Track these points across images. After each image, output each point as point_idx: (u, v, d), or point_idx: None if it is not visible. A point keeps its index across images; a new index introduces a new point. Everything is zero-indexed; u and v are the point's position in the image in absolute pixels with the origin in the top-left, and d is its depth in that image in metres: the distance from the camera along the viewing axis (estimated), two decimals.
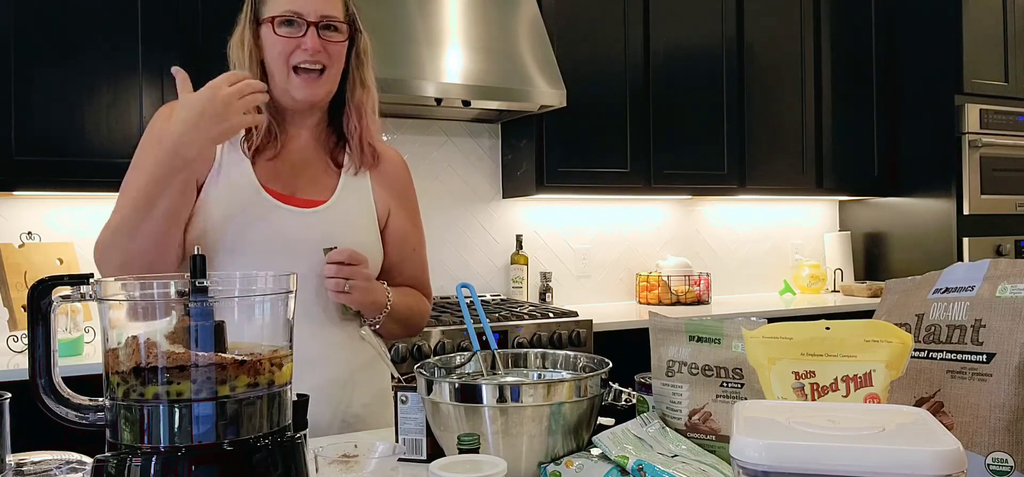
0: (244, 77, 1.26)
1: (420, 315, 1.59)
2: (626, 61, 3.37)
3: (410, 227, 1.58)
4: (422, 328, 1.64)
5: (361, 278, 1.40)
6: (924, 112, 3.84)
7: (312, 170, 1.48)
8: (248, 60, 1.42)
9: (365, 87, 1.50)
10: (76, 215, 2.79)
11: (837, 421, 0.76)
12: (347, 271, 1.38)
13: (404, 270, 1.57)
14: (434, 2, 2.94)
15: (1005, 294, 0.94)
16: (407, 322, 1.55)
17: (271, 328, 0.83)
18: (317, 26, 1.38)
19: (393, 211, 1.55)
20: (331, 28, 1.41)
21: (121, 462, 0.76)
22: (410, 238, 1.58)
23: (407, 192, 1.60)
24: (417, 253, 1.61)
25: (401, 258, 1.56)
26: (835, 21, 3.88)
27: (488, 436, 1.02)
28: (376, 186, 1.53)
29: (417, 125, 3.34)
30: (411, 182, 1.62)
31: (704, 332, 1.09)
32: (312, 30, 1.38)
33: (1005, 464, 0.88)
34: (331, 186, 1.48)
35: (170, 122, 1.28)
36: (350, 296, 1.39)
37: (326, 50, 1.40)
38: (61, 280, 0.81)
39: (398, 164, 1.60)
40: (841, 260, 4.11)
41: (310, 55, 1.38)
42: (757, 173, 3.69)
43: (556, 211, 3.64)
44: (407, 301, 1.54)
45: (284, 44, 1.39)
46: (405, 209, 1.58)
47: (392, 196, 1.55)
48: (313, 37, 1.38)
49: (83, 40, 2.53)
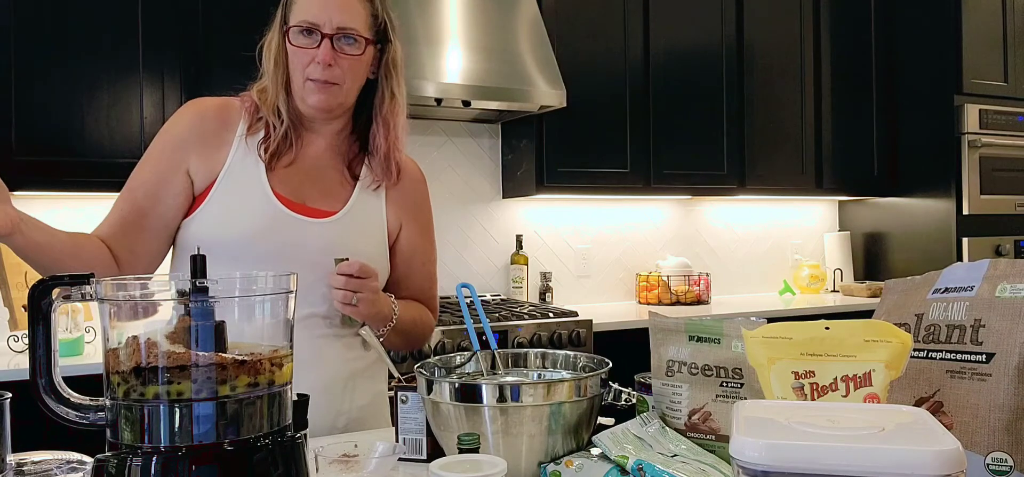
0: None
1: (424, 330, 1.57)
2: (626, 61, 3.38)
3: (420, 241, 1.56)
4: (424, 343, 1.60)
5: (369, 292, 1.38)
6: (924, 112, 3.84)
7: (325, 180, 1.46)
8: (274, 66, 1.41)
9: (394, 99, 1.46)
10: (77, 215, 2.78)
11: (837, 421, 0.76)
12: (356, 284, 1.36)
13: (412, 284, 1.56)
14: (434, 2, 2.94)
15: (1004, 294, 0.94)
16: (410, 335, 1.53)
17: (271, 328, 0.83)
18: (332, 38, 1.36)
19: (405, 226, 1.53)
20: (348, 40, 1.37)
21: (121, 462, 0.76)
22: (419, 253, 1.56)
23: (422, 207, 1.57)
24: (426, 268, 1.58)
25: (409, 271, 1.55)
26: (835, 21, 3.88)
27: (488, 436, 1.02)
28: (390, 202, 1.50)
29: (417, 125, 3.34)
30: (427, 197, 1.59)
31: (704, 332, 1.09)
32: (326, 42, 1.35)
33: (1004, 464, 0.88)
34: (344, 197, 1.45)
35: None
36: (356, 309, 1.38)
37: (339, 63, 1.37)
38: (61, 280, 0.81)
39: (417, 178, 1.56)
40: (841, 260, 4.11)
41: (321, 69, 1.36)
42: (757, 173, 3.69)
43: (556, 211, 3.64)
44: (412, 315, 1.52)
45: (300, 55, 1.37)
46: (418, 223, 1.55)
47: (405, 211, 1.53)
48: (326, 50, 1.35)
49: (84, 40, 2.53)
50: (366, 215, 1.47)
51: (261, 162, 1.40)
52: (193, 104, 1.47)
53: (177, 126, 1.43)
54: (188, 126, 1.42)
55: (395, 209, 1.51)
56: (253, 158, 1.41)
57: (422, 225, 1.57)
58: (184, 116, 1.44)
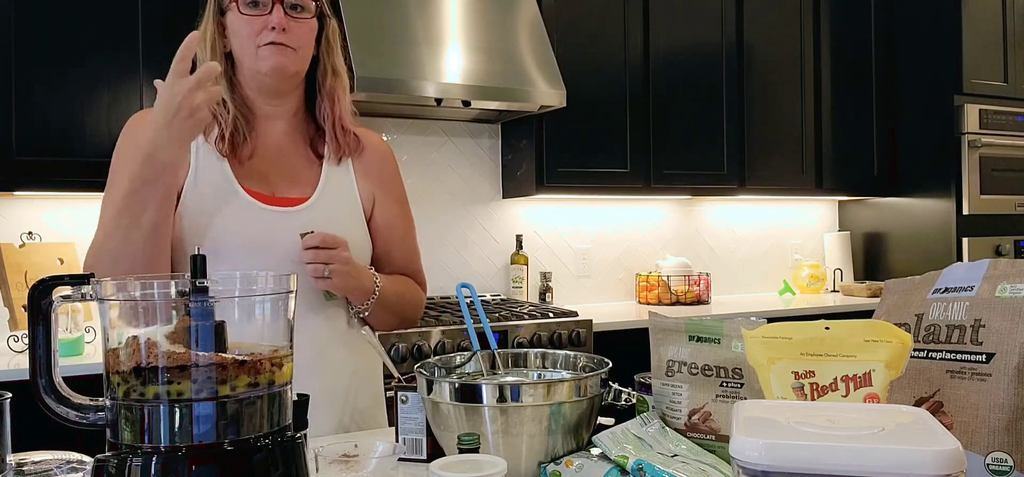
0: (187, 65, 1.24)
1: (413, 303, 1.56)
2: (626, 61, 3.38)
3: (396, 214, 1.55)
4: (417, 318, 1.60)
5: (340, 261, 1.36)
6: (924, 112, 3.84)
7: (290, 164, 1.45)
8: (212, 54, 1.39)
9: (336, 73, 1.48)
10: (77, 215, 2.79)
11: (837, 421, 0.76)
12: (325, 255, 1.34)
13: (394, 259, 1.54)
14: (434, 2, 2.94)
15: (1004, 294, 0.94)
16: (399, 310, 1.52)
17: (271, 328, 0.83)
18: (282, 4, 1.36)
19: (378, 199, 1.52)
20: (297, 8, 1.39)
21: (121, 462, 0.76)
22: (398, 226, 1.55)
23: (392, 178, 1.56)
24: (406, 241, 1.57)
25: (390, 247, 1.53)
26: (835, 21, 3.88)
27: (488, 436, 1.02)
28: (359, 176, 1.50)
29: (417, 125, 3.34)
30: (396, 169, 1.58)
31: (704, 332, 1.09)
32: (277, 7, 1.36)
33: (1004, 464, 0.88)
34: (313, 180, 1.45)
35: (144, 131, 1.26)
36: (331, 281, 1.36)
37: (292, 28, 1.37)
38: (62, 280, 0.81)
39: (382, 150, 1.56)
40: (841, 260, 4.11)
41: (277, 32, 1.36)
42: (757, 173, 3.69)
43: (556, 211, 3.64)
44: (397, 288, 1.50)
45: (251, 23, 1.37)
46: (390, 195, 1.54)
47: (376, 184, 1.52)
48: (279, 13, 1.36)
49: (84, 40, 2.53)
50: (338, 194, 1.46)
51: (224, 160, 1.38)
52: (136, 119, 1.43)
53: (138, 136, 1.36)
54: None
55: (365, 182, 1.51)
56: (214, 156, 1.39)
57: (396, 197, 1.56)
58: (140, 127, 1.39)
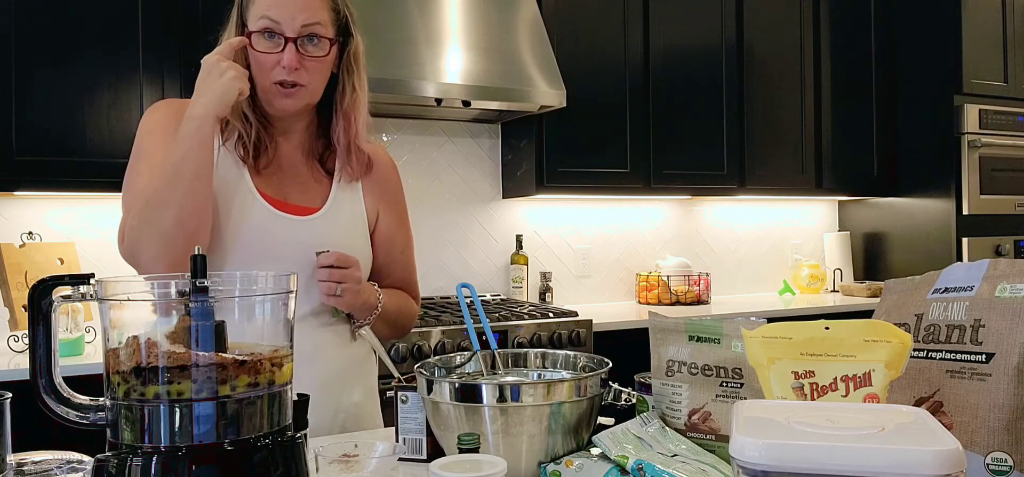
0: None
1: (409, 316, 1.60)
2: (626, 61, 3.38)
3: (398, 229, 1.57)
4: (410, 329, 1.63)
5: (352, 281, 1.39)
6: (923, 112, 3.84)
7: (302, 178, 1.47)
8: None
9: (355, 93, 1.45)
10: (77, 215, 2.79)
11: (837, 421, 0.76)
12: (339, 275, 1.37)
13: (392, 272, 1.57)
14: (434, 2, 2.94)
15: (1004, 294, 0.94)
16: (396, 323, 1.56)
17: (271, 328, 0.83)
18: (296, 41, 1.34)
19: (382, 214, 1.54)
20: (313, 40, 1.36)
21: (122, 462, 0.76)
22: (398, 241, 1.57)
23: (396, 195, 1.58)
24: (405, 256, 1.60)
25: (389, 260, 1.56)
26: (835, 21, 3.88)
27: (488, 436, 1.02)
28: (366, 193, 1.52)
29: (417, 125, 3.34)
30: (400, 184, 1.60)
31: (704, 332, 1.09)
32: (290, 46, 1.33)
33: (1004, 464, 0.88)
34: (322, 194, 1.46)
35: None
36: (341, 299, 1.39)
37: (305, 66, 1.36)
38: (62, 280, 0.81)
39: (388, 166, 1.57)
40: (840, 260, 4.11)
41: (287, 73, 1.34)
42: (757, 173, 3.69)
43: (556, 211, 3.64)
44: (396, 303, 1.54)
45: (264, 60, 1.35)
46: (393, 211, 1.56)
47: (381, 200, 1.54)
48: (291, 54, 1.33)
49: (84, 40, 2.53)
50: (347, 208, 1.48)
51: (243, 166, 1.40)
52: (166, 103, 1.45)
53: (165, 117, 1.39)
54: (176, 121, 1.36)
55: (372, 199, 1.52)
56: (232, 160, 1.40)
57: (398, 212, 1.58)
58: (166, 110, 1.42)
